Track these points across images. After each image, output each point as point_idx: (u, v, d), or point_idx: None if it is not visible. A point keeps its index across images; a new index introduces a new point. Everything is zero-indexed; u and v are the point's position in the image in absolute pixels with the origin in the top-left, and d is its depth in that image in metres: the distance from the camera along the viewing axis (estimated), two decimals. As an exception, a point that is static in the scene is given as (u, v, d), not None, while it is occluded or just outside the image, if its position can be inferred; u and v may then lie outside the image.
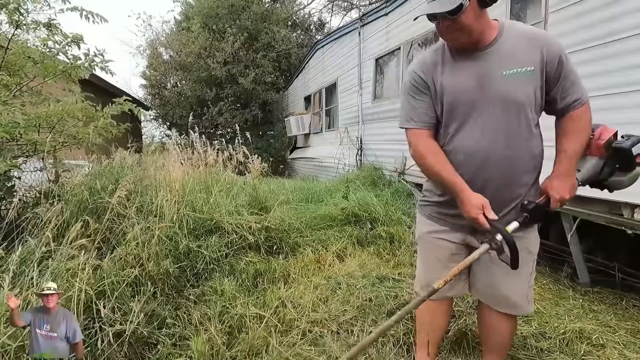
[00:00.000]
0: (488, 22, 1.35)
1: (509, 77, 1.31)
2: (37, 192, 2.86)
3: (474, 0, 1.26)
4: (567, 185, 1.35)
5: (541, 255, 3.46)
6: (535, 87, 1.32)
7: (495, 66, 1.33)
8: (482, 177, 1.38)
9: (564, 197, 1.34)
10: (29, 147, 2.94)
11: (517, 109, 1.32)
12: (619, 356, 1.93)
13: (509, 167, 1.36)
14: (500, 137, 1.34)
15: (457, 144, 1.41)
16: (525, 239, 1.44)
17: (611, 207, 2.83)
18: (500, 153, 1.35)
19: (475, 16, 1.28)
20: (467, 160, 1.39)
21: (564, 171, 1.36)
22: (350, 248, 3.52)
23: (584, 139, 1.36)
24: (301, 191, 5.72)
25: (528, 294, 1.50)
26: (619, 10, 2.73)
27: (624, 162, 1.40)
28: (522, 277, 1.47)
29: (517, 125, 1.34)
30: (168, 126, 14.98)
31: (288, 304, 2.39)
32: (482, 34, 1.33)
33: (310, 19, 17.22)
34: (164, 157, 4.17)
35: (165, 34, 15.03)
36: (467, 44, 1.35)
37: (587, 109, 1.37)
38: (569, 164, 1.35)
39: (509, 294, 1.49)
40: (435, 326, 1.66)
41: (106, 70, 3.22)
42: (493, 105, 1.33)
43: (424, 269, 1.66)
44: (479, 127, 1.36)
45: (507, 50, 1.33)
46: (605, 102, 2.84)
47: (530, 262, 1.48)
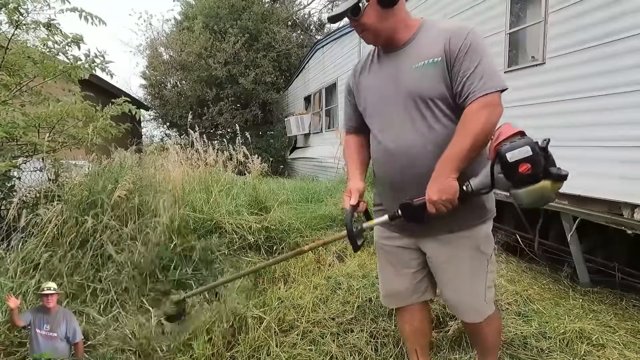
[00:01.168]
0: (403, 22, 1.34)
1: (417, 69, 1.30)
2: (37, 192, 2.86)
3: (373, 2, 1.27)
4: (436, 187, 1.22)
5: (541, 255, 3.46)
6: (442, 79, 1.27)
7: (407, 62, 1.33)
8: (394, 172, 1.38)
9: (432, 198, 1.23)
10: (29, 147, 2.94)
11: (423, 101, 1.30)
12: (619, 356, 1.93)
13: (414, 161, 1.32)
14: (406, 132, 1.33)
15: (379, 142, 1.42)
16: (468, 239, 1.38)
17: (611, 207, 2.83)
18: (407, 148, 1.33)
19: (378, 17, 1.29)
20: (384, 158, 1.40)
21: (437, 172, 1.24)
22: (350, 248, 3.52)
23: (469, 139, 1.18)
24: (301, 191, 5.71)
25: (486, 295, 1.44)
26: (619, 10, 2.73)
27: (505, 170, 1.15)
28: (475, 278, 1.42)
29: (425, 118, 1.30)
30: (168, 126, 14.98)
31: (288, 304, 2.39)
32: (394, 34, 1.34)
33: (310, 19, 17.22)
34: (164, 157, 4.17)
35: (166, 34, 15.02)
36: (378, 43, 1.39)
37: (482, 106, 1.18)
38: (442, 164, 1.22)
39: (464, 299, 1.45)
40: (418, 334, 1.63)
41: (106, 72, 3.22)
42: (403, 101, 1.33)
43: (381, 277, 1.65)
44: (392, 125, 1.37)
45: (419, 45, 1.33)
46: (606, 102, 2.84)
47: (481, 262, 1.42)
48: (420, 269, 1.52)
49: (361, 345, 1.99)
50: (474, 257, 1.40)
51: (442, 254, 1.42)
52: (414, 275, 1.53)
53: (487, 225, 1.42)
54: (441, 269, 1.45)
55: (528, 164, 1.11)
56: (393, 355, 1.94)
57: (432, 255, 1.45)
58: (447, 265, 1.43)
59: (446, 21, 1.39)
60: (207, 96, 13.12)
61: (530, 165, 1.11)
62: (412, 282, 1.54)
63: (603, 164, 2.85)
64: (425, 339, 1.66)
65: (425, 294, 1.57)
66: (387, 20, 1.31)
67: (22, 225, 2.38)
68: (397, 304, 1.62)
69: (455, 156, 1.20)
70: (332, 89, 9.81)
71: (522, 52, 3.81)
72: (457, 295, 1.45)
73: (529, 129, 1.22)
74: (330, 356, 1.92)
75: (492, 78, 1.20)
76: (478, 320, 1.47)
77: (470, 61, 1.21)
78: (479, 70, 1.20)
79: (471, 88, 1.21)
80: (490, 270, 1.45)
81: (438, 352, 1.95)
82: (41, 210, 2.42)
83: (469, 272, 1.41)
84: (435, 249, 1.43)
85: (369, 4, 1.27)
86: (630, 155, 2.67)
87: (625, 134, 2.70)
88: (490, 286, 1.46)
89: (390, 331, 2.10)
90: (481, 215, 1.40)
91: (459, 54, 1.23)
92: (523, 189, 1.15)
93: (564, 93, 3.19)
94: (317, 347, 1.99)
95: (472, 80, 1.21)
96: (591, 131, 2.96)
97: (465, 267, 1.41)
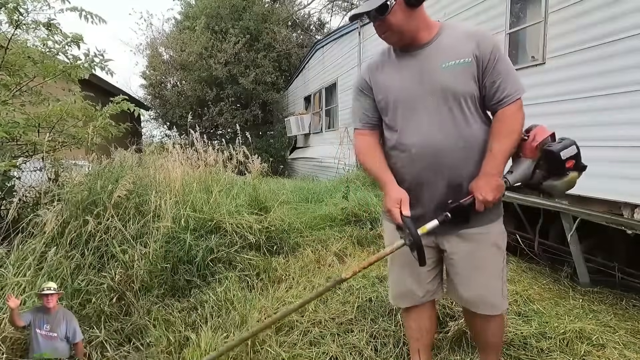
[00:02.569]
0: (425, 22, 1.36)
1: (448, 68, 1.33)
2: (37, 192, 2.86)
3: (400, 1, 1.28)
4: (490, 186, 1.29)
5: (541, 255, 3.46)
6: (473, 78, 1.33)
7: (434, 60, 1.35)
8: (421, 171, 1.38)
9: (487, 198, 1.29)
10: (29, 147, 2.94)
11: (456, 99, 1.33)
12: (619, 356, 1.93)
13: (443, 158, 1.35)
14: (436, 130, 1.35)
15: (401, 142, 1.41)
16: (488, 235, 1.42)
17: (611, 207, 2.83)
18: (436, 145, 1.34)
19: (404, 16, 1.30)
20: (409, 158, 1.39)
21: (488, 171, 1.31)
22: (350, 248, 3.52)
23: (512, 138, 1.32)
24: (301, 191, 5.73)
25: (502, 290, 1.48)
26: (619, 10, 2.73)
27: (553, 165, 1.35)
28: (494, 273, 1.45)
29: (455, 116, 1.34)
30: (168, 126, 14.98)
31: (288, 304, 2.39)
32: (417, 34, 1.36)
33: (310, 19, 17.22)
34: (164, 156, 4.17)
35: (166, 34, 15.02)
36: (401, 43, 1.39)
37: (518, 109, 1.33)
38: (493, 163, 1.31)
39: (484, 293, 1.46)
40: (424, 332, 1.64)
41: (106, 70, 3.22)
42: (433, 98, 1.35)
43: (392, 278, 1.65)
44: (419, 123, 1.37)
45: (446, 44, 1.35)
46: (606, 102, 2.84)
47: (499, 258, 1.46)
48: (434, 267, 1.54)
49: (361, 345, 1.99)
50: (493, 253, 1.44)
51: (463, 249, 1.43)
52: (428, 274, 1.54)
53: (500, 222, 1.48)
54: (461, 264, 1.46)
55: (573, 160, 1.34)
56: (393, 355, 1.94)
57: (452, 252, 1.46)
58: (467, 260, 1.44)
59: (465, 24, 1.41)
60: (207, 96, 13.12)
61: (574, 161, 1.34)
62: (426, 280, 1.55)
63: (603, 164, 2.85)
64: (429, 337, 1.67)
65: (436, 293, 1.60)
66: (413, 20, 1.32)
67: (22, 225, 2.38)
68: (408, 303, 1.61)
69: (503, 154, 1.31)
70: (332, 89, 9.80)
71: (522, 52, 3.81)
72: (477, 289, 1.46)
73: (529, 129, 1.24)
74: (330, 356, 1.92)
75: (519, 83, 1.33)
76: (495, 313, 1.49)
77: (502, 67, 1.31)
78: (512, 75, 1.32)
79: (506, 92, 1.31)
80: (505, 265, 1.50)
81: (438, 353, 1.95)
82: (41, 211, 2.42)
83: (490, 267, 1.44)
84: (456, 245, 1.44)
85: (396, 3, 1.28)
86: (630, 155, 2.67)
87: (625, 134, 2.70)
88: (505, 281, 1.50)
89: (390, 331, 2.11)
90: (498, 212, 1.46)
91: (491, 58, 1.30)
92: (559, 180, 1.35)
93: (564, 93, 3.18)
94: (317, 347, 1.99)
95: (506, 84, 1.31)
96: (591, 131, 2.96)
97: (486, 263, 1.44)
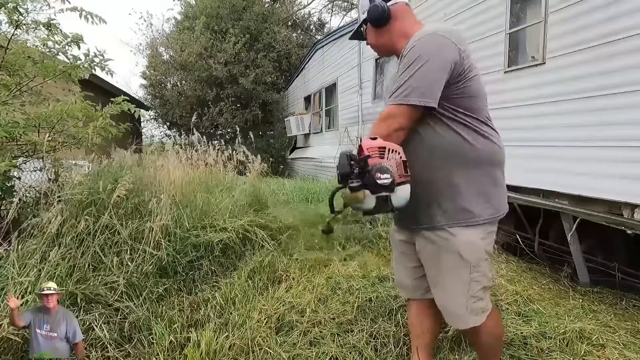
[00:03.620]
0: (403, 33, 1.41)
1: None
2: (37, 192, 2.86)
3: (369, 25, 1.45)
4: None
5: (541, 255, 3.46)
6: None
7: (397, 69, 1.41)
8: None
9: None
10: (29, 147, 2.93)
11: None
12: (619, 356, 1.93)
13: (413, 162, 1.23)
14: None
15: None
16: (450, 241, 1.33)
17: (611, 207, 2.83)
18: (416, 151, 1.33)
19: (375, 36, 1.47)
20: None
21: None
22: (350, 248, 3.52)
23: (373, 132, 1.21)
24: (301, 191, 5.73)
25: (468, 305, 1.35)
26: (619, 10, 2.73)
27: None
28: (454, 286, 1.36)
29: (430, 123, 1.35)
30: (168, 126, 14.98)
31: (288, 304, 2.39)
32: (394, 46, 1.45)
33: (310, 19, 17.23)
34: (164, 156, 4.17)
35: (166, 34, 15.02)
36: (386, 55, 1.53)
37: (389, 113, 1.25)
38: None
39: (444, 304, 1.42)
40: (424, 329, 1.62)
41: (106, 70, 3.22)
42: None
43: (394, 265, 1.71)
44: None
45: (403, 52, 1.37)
46: (606, 102, 2.84)
47: (462, 270, 1.33)
48: (419, 265, 1.51)
49: (361, 345, 1.99)
50: (455, 262, 1.33)
51: (427, 250, 1.41)
52: (414, 270, 1.54)
53: (470, 231, 1.32)
54: (426, 265, 1.45)
55: None
56: (393, 355, 1.94)
57: (419, 250, 1.45)
58: (430, 262, 1.42)
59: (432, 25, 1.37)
60: (207, 96, 13.12)
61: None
62: (414, 276, 1.55)
63: (603, 164, 2.85)
64: (430, 337, 1.65)
65: (428, 293, 1.53)
66: (382, 37, 1.46)
67: (23, 225, 2.38)
68: (404, 294, 1.69)
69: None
70: (332, 89, 9.81)
71: (522, 52, 3.81)
72: (438, 297, 1.44)
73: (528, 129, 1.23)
74: (330, 356, 1.92)
75: (400, 91, 1.24)
76: (461, 327, 1.42)
77: (401, 71, 1.29)
78: (402, 82, 1.25)
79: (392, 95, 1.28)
80: (476, 279, 1.35)
81: (438, 353, 1.95)
82: (41, 211, 2.42)
83: (447, 276, 1.37)
84: (422, 245, 1.42)
85: (367, 27, 1.47)
86: (630, 155, 2.67)
87: (625, 134, 2.70)
88: (476, 296, 1.36)
89: (390, 331, 2.10)
90: (467, 216, 1.32)
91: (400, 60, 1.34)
92: None
93: (564, 93, 3.19)
94: (317, 348, 1.99)
95: (395, 89, 1.28)
96: (591, 131, 2.96)
97: (442, 269, 1.37)
